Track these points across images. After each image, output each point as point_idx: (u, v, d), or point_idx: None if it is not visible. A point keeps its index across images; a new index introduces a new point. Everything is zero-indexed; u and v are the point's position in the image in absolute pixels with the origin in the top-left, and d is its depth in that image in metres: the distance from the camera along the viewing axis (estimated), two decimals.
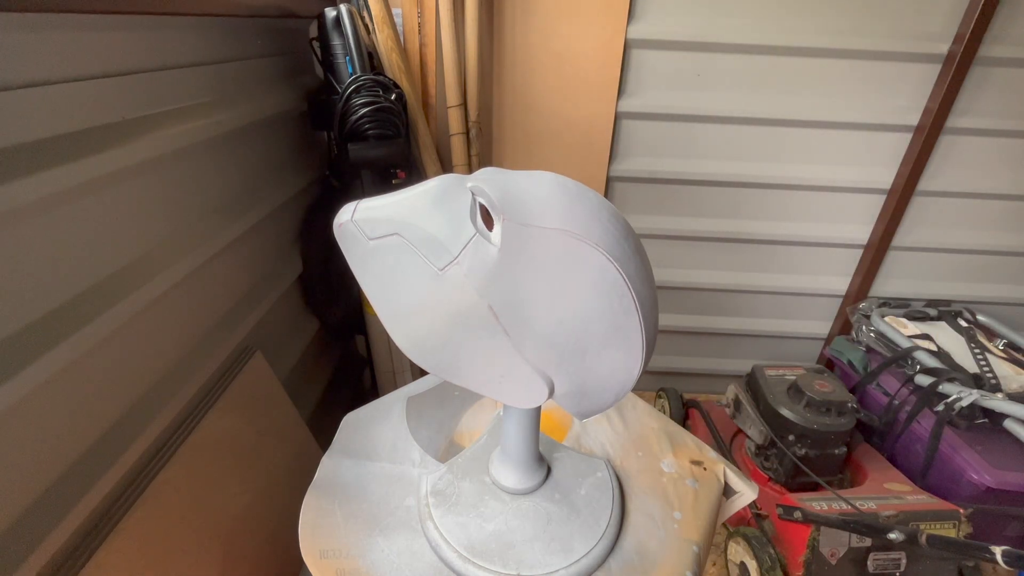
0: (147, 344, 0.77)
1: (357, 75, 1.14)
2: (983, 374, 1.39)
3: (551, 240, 0.46)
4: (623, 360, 0.50)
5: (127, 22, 0.73)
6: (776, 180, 1.62)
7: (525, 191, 0.48)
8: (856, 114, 1.52)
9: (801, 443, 1.30)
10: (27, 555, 0.56)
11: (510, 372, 0.52)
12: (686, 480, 0.76)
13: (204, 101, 0.91)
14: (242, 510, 0.89)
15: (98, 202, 0.68)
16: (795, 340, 1.91)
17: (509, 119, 1.54)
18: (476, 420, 0.87)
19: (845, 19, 1.41)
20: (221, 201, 0.97)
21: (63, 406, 0.62)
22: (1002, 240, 1.68)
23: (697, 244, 1.75)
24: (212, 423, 0.87)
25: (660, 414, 0.90)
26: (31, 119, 0.58)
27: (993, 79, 1.44)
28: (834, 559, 1.14)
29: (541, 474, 0.70)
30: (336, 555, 0.63)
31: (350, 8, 1.17)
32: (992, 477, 1.18)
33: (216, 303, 0.97)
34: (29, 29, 0.58)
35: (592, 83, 1.48)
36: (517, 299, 0.48)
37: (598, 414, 0.57)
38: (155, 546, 0.72)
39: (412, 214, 0.51)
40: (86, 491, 0.64)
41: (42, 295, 0.60)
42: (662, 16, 1.43)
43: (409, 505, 0.69)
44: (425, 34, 1.36)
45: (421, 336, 0.54)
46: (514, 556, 0.62)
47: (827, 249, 1.74)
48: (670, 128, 1.57)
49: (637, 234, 0.51)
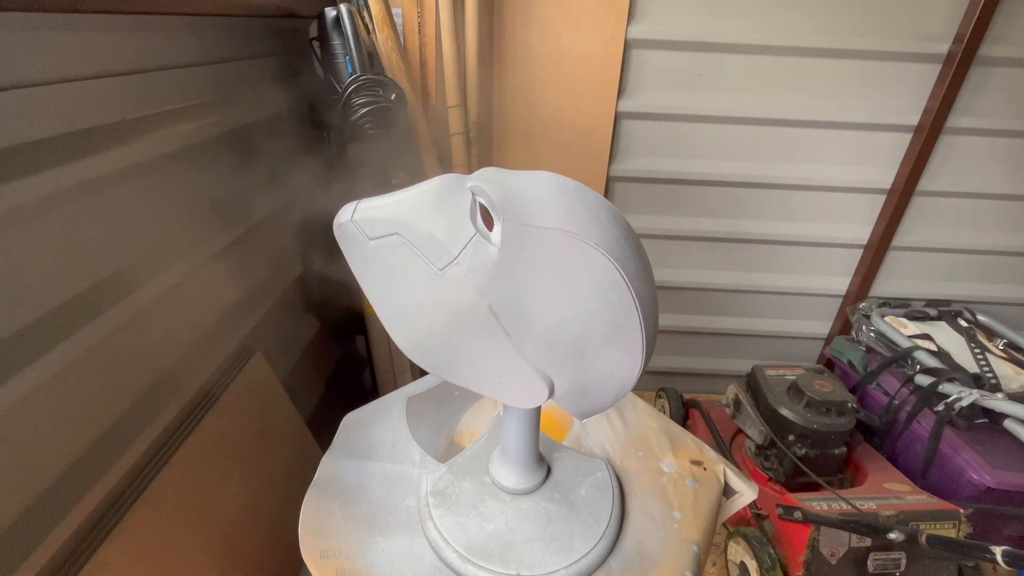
0: (147, 344, 0.77)
1: (357, 75, 1.14)
2: (983, 374, 1.39)
3: (551, 240, 0.46)
4: (623, 360, 0.50)
5: (127, 22, 0.73)
6: (776, 180, 1.62)
7: (525, 191, 0.48)
8: (856, 114, 1.52)
9: (801, 443, 1.30)
10: (27, 555, 0.56)
11: (510, 372, 0.52)
12: (686, 480, 0.76)
13: (204, 101, 0.91)
14: (242, 510, 0.89)
15: (98, 202, 0.68)
16: (795, 340, 1.91)
17: (509, 119, 1.53)
18: (476, 420, 0.87)
19: (845, 19, 1.41)
20: (221, 201, 0.97)
21: (63, 406, 0.62)
22: (1002, 240, 1.68)
23: (697, 244, 1.75)
24: (212, 423, 0.87)
25: (660, 414, 0.90)
26: (31, 119, 0.58)
27: (993, 79, 1.44)
28: (834, 559, 1.14)
29: (541, 474, 0.70)
30: (336, 555, 0.63)
31: (350, 8, 1.17)
32: (992, 477, 1.18)
33: (216, 303, 0.97)
34: (29, 29, 0.58)
35: (592, 83, 1.48)
36: (517, 299, 0.48)
37: (598, 414, 0.57)
38: (155, 546, 0.72)
39: (412, 214, 0.51)
40: (86, 491, 0.64)
41: (42, 295, 0.60)
42: (662, 16, 1.43)
43: (409, 505, 0.69)
44: (425, 34, 1.36)
45: (421, 336, 0.54)
46: (514, 556, 0.62)
47: (827, 249, 1.74)
48: (670, 128, 1.57)
49: (637, 234, 0.51)
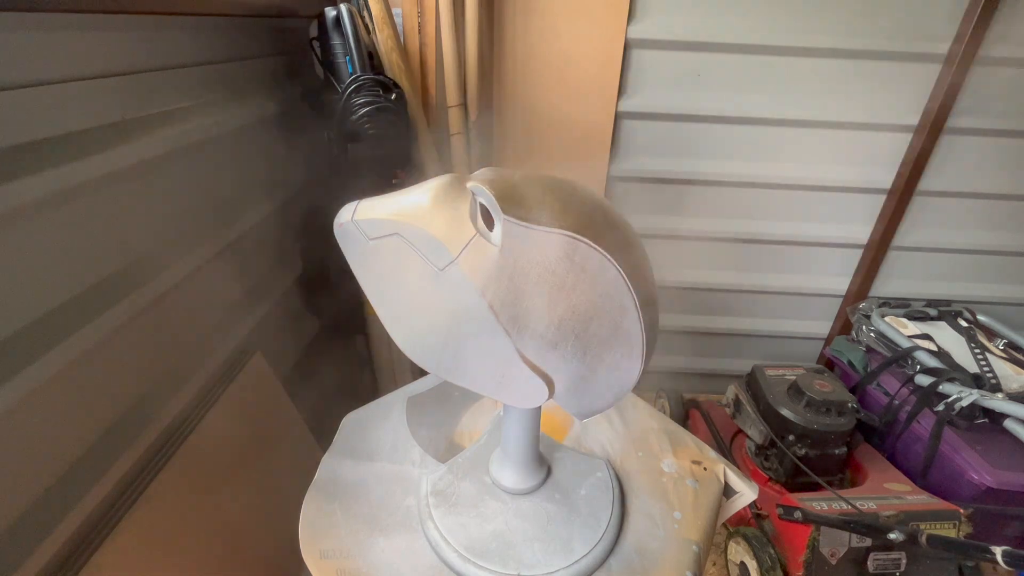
0: (147, 344, 0.77)
1: (357, 75, 1.14)
2: (983, 374, 1.39)
3: (551, 240, 0.46)
4: (623, 360, 0.50)
5: (127, 22, 0.73)
6: (776, 180, 1.62)
7: (525, 191, 0.48)
8: (856, 114, 1.52)
9: (801, 443, 1.30)
10: (27, 555, 0.56)
11: (510, 372, 0.51)
12: (686, 480, 0.76)
13: (204, 101, 0.91)
14: (242, 510, 0.89)
15: (98, 202, 0.68)
16: (795, 340, 1.91)
17: (509, 119, 1.53)
18: (476, 420, 0.87)
19: (845, 19, 1.40)
20: (221, 201, 0.97)
21: (63, 406, 0.62)
22: (1002, 240, 1.68)
23: (697, 244, 1.74)
24: (212, 424, 0.87)
25: (660, 414, 0.89)
26: (31, 119, 0.58)
27: (993, 79, 1.44)
28: (834, 559, 1.14)
29: (541, 474, 0.70)
30: (336, 555, 0.63)
31: (350, 8, 1.17)
32: (992, 477, 1.18)
33: (216, 303, 0.97)
34: (29, 29, 0.58)
35: (592, 83, 1.48)
36: (517, 299, 0.48)
37: (598, 414, 0.57)
38: (155, 546, 0.72)
39: (412, 214, 0.50)
40: (86, 491, 0.64)
41: (42, 295, 0.60)
42: (662, 16, 1.43)
43: (409, 505, 0.69)
44: (425, 34, 1.36)
45: (421, 336, 0.54)
46: (514, 556, 0.62)
47: (827, 249, 1.74)
48: (670, 128, 1.57)
49: (637, 234, 0.51)
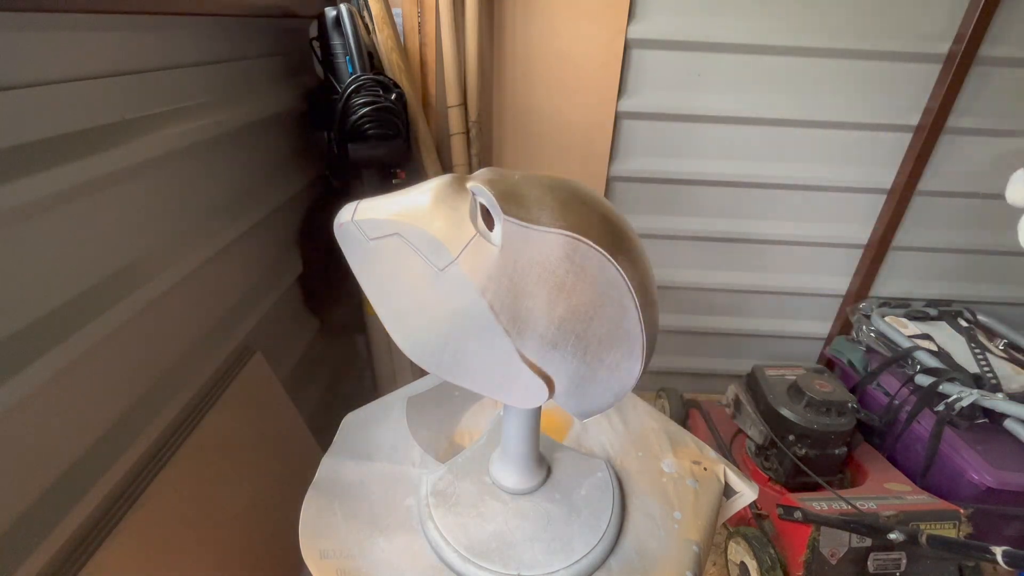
0: (147, 344, 0.77)
1: (357, 75, 1.14)
2: (983, 374, 1.39)
3: (551, 240, 0.46)
4: (623, 360, 0.50)
5: (127, 22, 0.73)
6: (776, 180, 1.61)
7: (525, 191, 0.48)
8: (856, 114, 1.52)
9: (801, 443, 1.30)
10: (27, 555, 0.56)
11: (510, 372, 0.51)
12: (686, 480, 0.76)
13: (204, 101, 0.91)
14: (242, 510, 0.89)
15: (98, 202, 0.68)
16: (795, 340, 1.91)
17: (509, 119, 1.53)
18: (476, 420, 0.87)
19: (845, 19, 1.40)
20: (221, 201, 0.97)
21: (63, 406, 0.62)
22: (1002, 240, 1.68)
23: (697, 244, 1.75)
24: (212, 423, 0.87)
25: (660, 414, 0.89)
26: (31, 119, 0.58)
27: (993, 79, 1.44)
28: (834, 559, 1.14)
29: (541, 474, 0.70)
30: (336, 555, 0.63)
31: (350, 8, 1.17)
32: (992, 477, 1.18)
33: (216, 303, 0.97)
34: (29, 29, 0.58)
35: (592, 83, 1.48)
36: (517, 299, 0.48)
37: (598, 414, 0.57)
38: (155, 546, 0.72)
39: (412, 214, 0.51)
40: (86, 491, 0.64)
41: (42, 295, 0.60)
42: (662, 16, 1.43)
43: (409, 505, 0.69)
44: (425, 34, 1.36)
45: (421, 336, 0.54)
46: (514, 556, 0.62)
47: (827, 249, 1.73)
48: (670, 128, 1.57)
49: (637, 234, 0.51)
